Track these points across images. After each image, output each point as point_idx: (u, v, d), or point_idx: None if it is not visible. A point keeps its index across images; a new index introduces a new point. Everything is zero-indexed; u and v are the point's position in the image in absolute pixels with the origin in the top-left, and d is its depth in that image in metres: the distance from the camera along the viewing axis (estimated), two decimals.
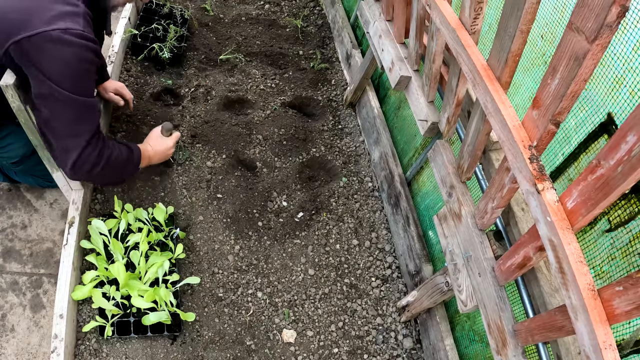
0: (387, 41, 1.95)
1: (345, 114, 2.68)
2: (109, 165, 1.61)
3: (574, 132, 1.21)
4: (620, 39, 1.05)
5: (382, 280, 2.08)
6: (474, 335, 1.71)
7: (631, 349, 1.01)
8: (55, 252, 2.00)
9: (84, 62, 1.40)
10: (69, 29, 1.33)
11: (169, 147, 1.95)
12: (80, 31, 1.36)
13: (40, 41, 1.30)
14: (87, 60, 1.41)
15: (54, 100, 1.40)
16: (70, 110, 1.44)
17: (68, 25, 1.34)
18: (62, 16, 1.34)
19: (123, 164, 1.69)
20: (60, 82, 1.37)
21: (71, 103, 1.42)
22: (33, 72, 1.35)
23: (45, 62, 1.33)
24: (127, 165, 1.72)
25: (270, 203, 2.22)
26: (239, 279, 1.96)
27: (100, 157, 1.57)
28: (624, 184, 0.77)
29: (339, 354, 1.86)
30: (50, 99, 1.39)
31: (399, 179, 2.17)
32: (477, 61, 1.19)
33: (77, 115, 1.46)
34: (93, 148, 1.53)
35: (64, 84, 1.38)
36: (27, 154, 1.83)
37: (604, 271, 1.11)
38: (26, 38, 1.29)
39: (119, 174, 1.73)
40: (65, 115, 1.44)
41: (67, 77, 1.38)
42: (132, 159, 1.74)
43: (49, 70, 1.34)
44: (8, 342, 1.76)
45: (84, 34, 1.37)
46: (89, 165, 1.54)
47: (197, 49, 2.79)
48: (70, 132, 1.48)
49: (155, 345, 1.72)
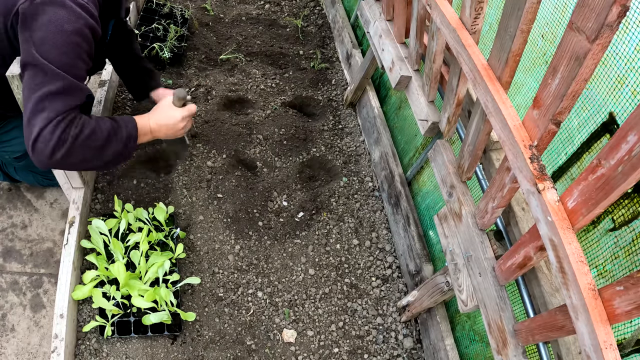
0: (387, 41, 1.95)
1: (345, 114, 2.68)
2: (78, 144, 1.33)
3: (577, 132, 1.21)
4: (622, 38, 1.05)
5: (383, 280, 2.08)
6: (474, 335, 1.70)
7: (632, 348, 1.01)
8: (56, 251, 2.00)
9: (75, 34, 1.29)
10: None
11: (179, 120, 1.59)
12: (83, 2, 1.31)
13: (42, 3, 1.25)
14: (80, 33, 1.30)
15: (31, 68, 1.27)
16: (43, 80, 1.27)
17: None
18: None
19: (103, 142, 1.39)
20: (44, 50, 1.25)
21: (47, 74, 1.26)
22: (24, 35, 1.27)
23: (37, 25, 1.25)
24: (110, 143, 1.42)
25: (271, 203, 2.22)
26: (239, 278, 1.96)
27: (65, 136, 1.30)
28: (625, 183, 0.77)
29: (339, 353, 1.86)
30: (28, 65, 1.27)
31: (400, 178, 2.17)
32: (477, 61, 1.19)
33: (51, 90, 1.28)
34: (55, 126, 1.28)
35: (47, 51, 1.26)
36: None
37: (607, 270, 1.11)
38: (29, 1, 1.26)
39: (99, 155, 1.40)
40: (38, 85, 1.28)
41: (53, 45, 1.26)
42: (119, 133, 1.44)
43: (37, 34, 1.25)
44: (8, 342, 1.76)
45: (85, 6, 1.31)
46: (50, 147, 1.29)
47: (198, 49, 2.79)
48: (36, 105, 1.28)
49: (155, 345, 1.72)
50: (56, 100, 1.29)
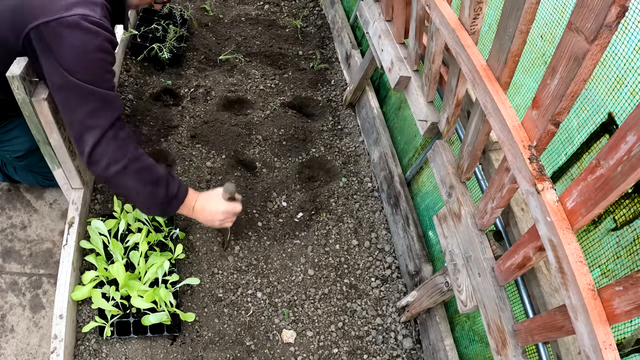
0: (386, 41, 1.95)
1: (344, 114, 2.68)
2: (133, 169, 1.43)
3: (577, 132, 1.21)
4: (620, 38, 1.05)
5: (382, 281, 2.08)
6: (473, 335, 1.71)
7: (632, 347, 1.01)
8: (55, 252, 1.99)
9: (99, 51, 1.35)
10: (87, 15, 1.31)
11: (220, 212, 1.65)
12: (98, 19, 1.34)
13: (58, 26, 1.28)
14: (102, 49, 1.36)
15: (66, 90, 1.34)
16: (82, 100, 1.35)
17: (86, 12, 1.32)
18: (81, 3, 1.33)
19: (154, 181, 1.48)
20: (73, 70, 1.31)
21: (83, 92, 1.34)
22: (48, 58, 1.32)
23: (60, 48, 1.30)
24: (160, 186, 1.50)
25: (270, 203, 2.22)
26: (238, 279, 1.95)
27: (122, 154, 1.41)
28: (624, 184, 0.77)
29: (339, 354, 1.86)
30: (63, 88, 1.34)
31: (399, 179, 2.17)
32: (476, 61, 1.19)
33: (92, 107, 1.36)
34: (110, 139, 1.39)
35: (76, 72, 1.32)
36: (32, 148, 1.83)
37: (609, 270, 1.11)
38: (44, 23, 1.28)
39: (141, 189, 1.47)
40: (78, 106, 1.36)
41: (80, 65, 1.32)
42: (171, 184, 1.53)
43: (62, 57, 1.30)
44: (7, 342, 1.76)
45: (101, 23, 1.35)
46: (106, 160, 1.39)
47: (197, 49, 2.79)
48: (82, 125, 1.37)
49: (154, 346, 1.72)
50: (100, 116, 1.38)
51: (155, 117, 2.36)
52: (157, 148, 2.24)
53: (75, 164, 1.75)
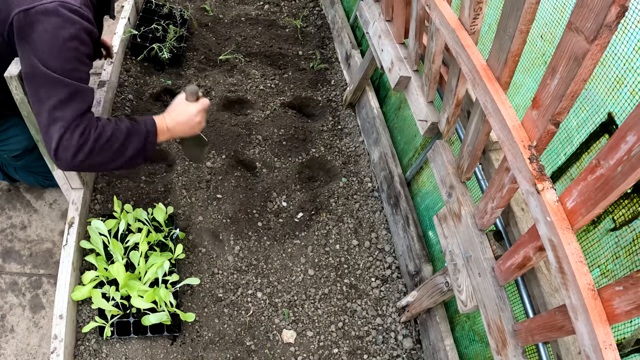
0: (386, 41, 1.95)
1: (344, 115, 2.69)
2: (100, 146, 1.37)
3: (576, 132, 1.21)
4: (620, 38, 1.05)
5: (382, 281, 2.08)
6: (474, 335, 1.71)
7: (632, 348, 1.01)
8: (55, 252, 1.99)
9: (72, 40, 1.31)
10: (66, 2, 1.29)
11: (194, 115, 1.58)
12: (77, 7, 1.32)
13: (36, 13, 1.26)
14: (77, 38, 1.32)
15: (36, 79, 1.29)
16: (49, 91, 1.30)
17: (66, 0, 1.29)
18: None
19: (123, 142, 1.43)
20: (44, 59, 1.27)
21: (51, 82, 1.29)
22: (23, 46, 1.28)
23: (35, 36, 1.27)
24: (130, 141, 1.45)
25: (270, 203, 2.22)
26: (238, 279, 1.95)
27: (85, 140, 1.34)
28: (624, 183, 0.77)
29: (339, 354, 1.86)
30: (33, 78, 1.29)
31: (399, 179, 2.17)
32: (476, 61, 1.19)
33: (59, 99, 1.31)
34: (72, 132, 1.32)
35: (47, 60, 1.27)
36: (29, 147, 1.83)
37: (608, 270, 1.11)
38: (25, 10, 1.26)
39: (120, 155, 1.44)
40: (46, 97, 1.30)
41: (52, 53, 1.28)
42: (139, 130, 1.47)
43: (35, 44, 1.26)
44: (7, 342, 1.76)
45: (79, 11, 1.32)
46: (71, 151, 1.33)
47: (197, 49, 2.79)
48: (49, 118, 1.31)
49: (155, 346, 1.72)
50: (67, 108, 1.32)
51: None
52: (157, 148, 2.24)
53: None
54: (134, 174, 2.13)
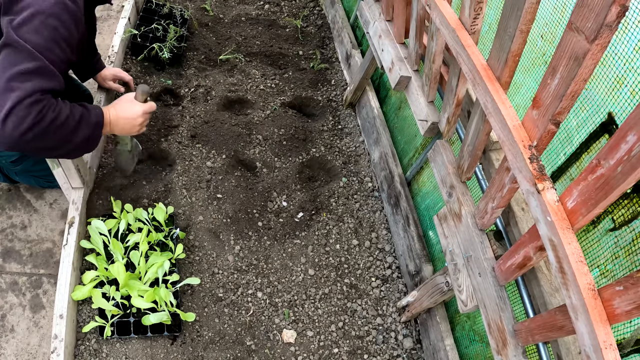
0: (387, 41, 1.95)
1: (345, 114, 2.68)
2: (54, 128, 1.31)
3: (576, 132, 1.21)
4: (620, 38, 1.05)
5: (382, 281, 2.08)
6: (474, 335, 1.70)
7: (632, 348, 1.01)
8: (55, 252, 2.00)
9: (54, 18, 1.29)
10: None
11: (139, 115, 1.56)
12: None
13: None
14: (59, 18, 1.31)
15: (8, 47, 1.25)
16: (16, 59, 1.24)
17: None
18: None
19: (73, 129, 1.38)
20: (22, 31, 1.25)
21: (21, 51, 1.24)
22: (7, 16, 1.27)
23: (17, 10, 1.26)
24: (81, 127, 1.40)
25: (270, 203, 2.22)
26: (239, 279, 1.95)
27: (40, 118, 1.27)
28: (624, 183, 0.77)
29: (339, 354, 1.86)
30: (7, 46, 1.25)
31: (399, 179, 2.17)
32: (477, 61, 1.19)
33: (24, 69, 1.25)
34: (29, 106, 1.25)
35: (24, 33, 1.25)
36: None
37: (608, 270, 1.11)
38: None
39: (67, 142, 1.38)
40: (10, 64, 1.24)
41: (32, 26, 1.26)
42: (89, 118, 1.42)
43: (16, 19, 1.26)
44: (8, 342, 1.76)
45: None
46: (23, 127, 1.25)
47: (197, 49, 2.79)
48: (7, 83, 1.23)
49: (155, 346, 1.72)
50: (28, 80, 1.26)
51: (156, 117, 2.36)
52: (157, 148, 2.24)
53: (75, 163, 1.75)
54: (135, 174, 2.13)
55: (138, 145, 1.76)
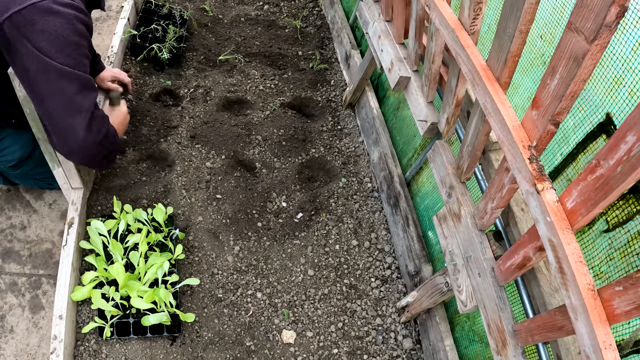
0: (386, 42, 1.95)
1: (344, 115, 2.69)
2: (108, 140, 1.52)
3: (573, 132, 1.21)
4: (619, 39, 1.05)
5: (382, 281, 2.08)
6: (473, 335, 1.71)
7: (631, 349, 1.01)
8: (55, 252, 1.99)
9: (74, 35, 1.34)
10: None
11: (126, 113, 1.89)
12: (69, 1, 1.33)
13: (30, 13, 1.27)
14: (77, 32, 1.35)
15: (46, 74, 1.32)
16: (67, 84, 1.35)
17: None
18: None
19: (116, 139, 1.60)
20: (51, 54, 1.30)
21: (63, 75, 1.33)
22: (24, 45, 1.30)
23: (36, 35, 1.28)
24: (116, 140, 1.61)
25: (270, 204, 2.22)
26: (238, 279, 1.95)
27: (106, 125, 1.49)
28: (624, 184, 0.77)
29: (339, 354, 1.85)
30: (42, 72, 1.32)
31: (399, 179, 2.17)
32: (476, 61, 1.19)
33: (76, 90, 1.37)
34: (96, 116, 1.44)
35: (55, 56, 1.31)
36: (24, 156, 1.82)
37: (602, 271, 1.11)
38: (16, 12, 1.27)
39: (115, 150, 1.61)
40: (60, 90, 1.35)
41: (58, 48, 1.31)
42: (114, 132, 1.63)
43: (39, 43, 1.28)
44: (7, 343, 1.76)
45: (73, 4, 1.34)
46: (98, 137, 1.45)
47: (197, 50, 2.79)
48: (69, 107, 1.37)
49: (154, 346, 1.72)
50: (85, 98, 1.40)
51: (155, 118, 2.36)
52: (156, 148, 2.24)
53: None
54: (134, 174, 2.13)
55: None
